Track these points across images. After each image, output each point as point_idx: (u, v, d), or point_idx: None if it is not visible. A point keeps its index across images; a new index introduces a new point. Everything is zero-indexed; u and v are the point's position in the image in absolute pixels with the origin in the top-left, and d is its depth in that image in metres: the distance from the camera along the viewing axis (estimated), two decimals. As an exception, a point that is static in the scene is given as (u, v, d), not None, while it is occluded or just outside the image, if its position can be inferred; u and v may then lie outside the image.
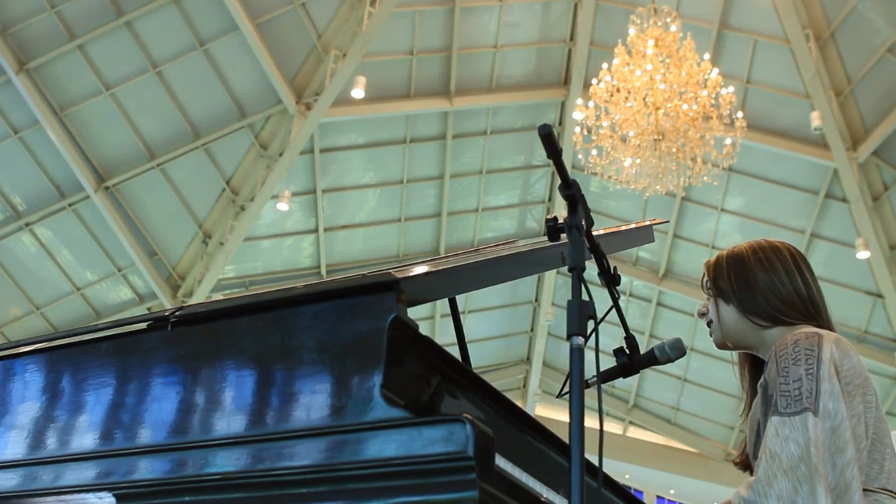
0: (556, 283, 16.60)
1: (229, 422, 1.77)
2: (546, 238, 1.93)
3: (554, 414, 16.84)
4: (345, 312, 1.74)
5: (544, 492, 1.82)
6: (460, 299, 2.64)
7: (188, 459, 1.75)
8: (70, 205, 13.24)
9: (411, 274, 1.83)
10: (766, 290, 2.12)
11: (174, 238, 14.10)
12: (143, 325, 2.02)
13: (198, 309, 1.97)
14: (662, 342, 2.27)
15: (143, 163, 13.26)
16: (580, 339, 1.66)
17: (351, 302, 1.75)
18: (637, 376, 16.76)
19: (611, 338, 2.35)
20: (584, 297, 1.71)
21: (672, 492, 18.17)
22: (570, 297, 1.72)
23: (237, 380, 1.81)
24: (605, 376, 2.18)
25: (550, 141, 1.72)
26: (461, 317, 2.69)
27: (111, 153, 13.13)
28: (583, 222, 1.80)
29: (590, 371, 2.07)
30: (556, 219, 1.81)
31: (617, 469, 16.63)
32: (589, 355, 1.74)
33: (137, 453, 1.83)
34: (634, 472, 17.33)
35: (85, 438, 1.95)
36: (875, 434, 1.94)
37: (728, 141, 10.98)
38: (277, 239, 14.92)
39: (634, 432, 18.19)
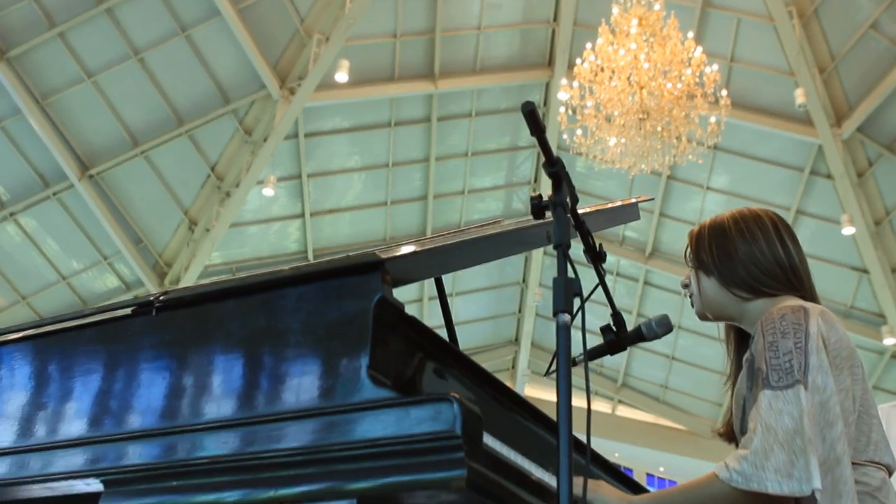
0: (543, 263, 16.62)
1: (216, 406, 1.76)
2: (532, 218, 1.93)
3: (543, 394, 16.88)
4: (330, 294, 1.74)
5: (534, 470, 1.82)
6: (447, 282, 2.64)
7: (176, 444, 1.75)
8: (54, 194, 13.16)
9: (396, 254, 1.82)
10: (746, 260, 2.10)
11: (160, 225, 14.05)
12: (128, 311, 2.01)
13: (182, 293, 1.96)
14: (649, 319, 2.27)
15: (126, 150, 13.18)
16: (566, 317, 1.66)
17: (336, 283, 1.75)
18: (625, 355, 16.96)
19: (598, 317, 2.36)
20: (570, 274, 1.71)
21: (661, 469, 18.26)
22: (556, 276, 1.72)
23: (223, 364, 1.80)
24: (593, 353, 2.18)
25: (534, 118, 1.71)
26: (448, 299, 2.69)
27: (94, 141, 13.05)
28: (568, 200, 1.79)
29: (577, 349, 2.08)
30: (540, 196, 1.80)
31: (606, 448, 16.68)
32: (576, 334, 1.74)
33: (124, 439, 1.82)
34: (624, 450, 17.40)
35: (71, 425, 1.94)
36: (862, 406, 1.94)
37: (713, 119, 10.98)
38: (264, 224, 14.88)
39: (623, 411, 18.27)
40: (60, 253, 13.81)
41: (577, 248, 1.84)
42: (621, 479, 2.63)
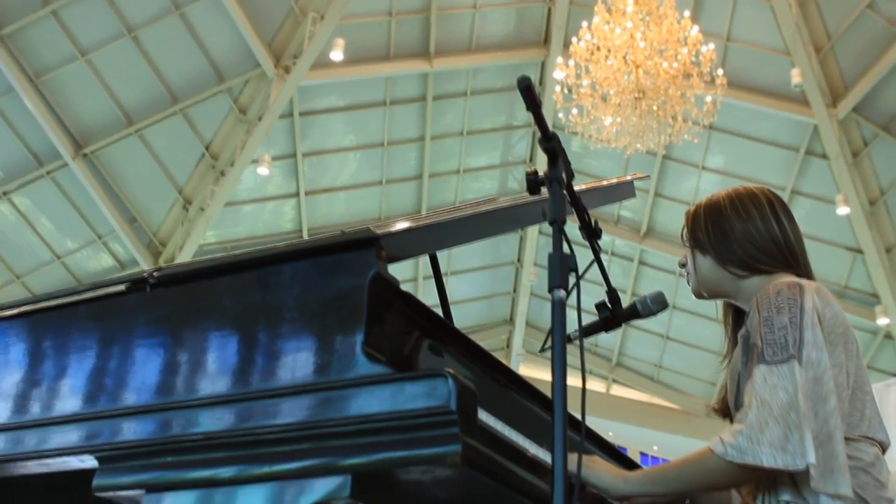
0: (538, 243, 16.62)
1: (210, 382, 1.76)
2: (528, 195, 1.92)
3: (538, 374, 16.92)
4: (325, 270, 1.73)
5: (529, 446, 1.82)
6: (442, 261, 2.63)
7: (170, 420, 1.74)
8: (48, 172, 13.11)
9: (391, 230, 1.82)
10: (742, 239, 2.10)
11: (154, 204, 14.00)
12: (122, 288, 2.00)
13: (176, 270, 1.96)
14: (644, 295, 2.27)
15: (120, 129, 13.12)
16: (562, 293, 1.65)
17: (331, 259, 1.74)
18: (620, 335, 16.99)
19: (593, 297, 2.35)
20: (566, 250, 1.71)
21: (655, 448, 18.34)
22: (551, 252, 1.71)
23: (218, 340, 1.80)
24: (588, 330, 2.18)
25: (530, 93, 1.71)
26: (443, 278, 2.69)
27: (88, 120, 12.99)
28: (563, 175, 1.79)
29: (572, 326, 2.08)
30: (536, 172, 1.79)
31: (601, 427, 16.72)
32: (571, 314, 1.74)
33: (119, 416, 1.82)
34: (618, 429, 17.46)
35: (65, 402, 1.94)
36: (856, 382, 1.95)
37: (708, 99, 10.95)
38: (258, 203, 14.84)
39: (618, 390, 18.33)
40: (55, 232, 13.77)
41: (573, 229, 1.84)
42: (616, 455, 2.64)
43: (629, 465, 2.63)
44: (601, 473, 1.95)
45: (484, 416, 1.67)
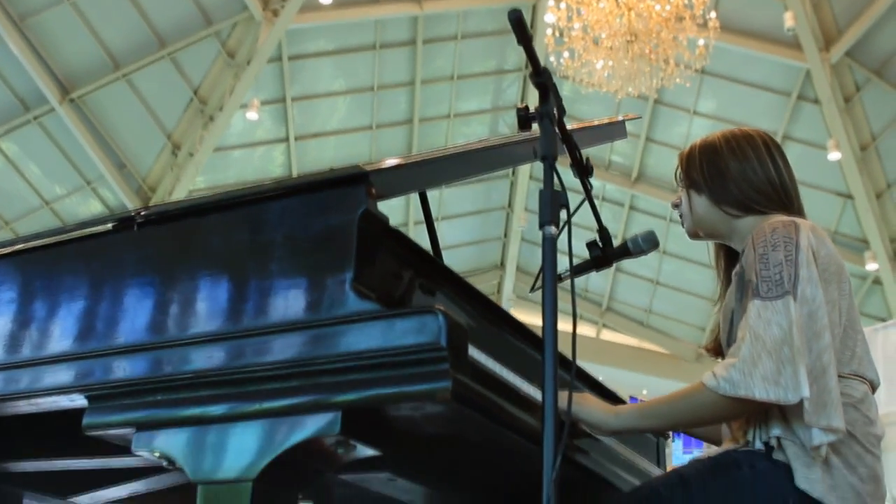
0: (528, 188, 16.61)
1: (200, 320, 1.75)
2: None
3: (528, 318, 16.94)
4: (314, 207, 1.72)
5: (519, 383, 1.82)
6: (433, 206, 2.61)
7: (160, 359, 1.74)
8: (35, 118, 13.00)
9: (380, 166, 1.80)
10: (738, 178, 2.10)
11: (143, 150, 13.91)
12: (109, 227, 1.98)
13: (163, 208, 1.94)
14: (636, 234, 2.26)
15: (107, 74, 12.99)
16: (553, 229, 1.64)
17: (320, 196, 1.72)
18: (610, 280, 17.05)
19: (583, 240, 2.34)
20: (557, 187, 1.69)
21: (644, 392, 18.49)
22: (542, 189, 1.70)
23: (206, 278, 1.78)
24: (579, 269, 2.18)
25: (521, 26, 1.68)
26: (434, 223, 2.67)
27: (75, 64, 12.85)
28: (554, 111, 1.77)
29: (564, 269, 2.07)
30: (527, 108, 1.77)
31: (591, 371, 16.80)
32: (563, 258, 1.73)
33: (108, 355, 1.81)
34: (608, 373, 17.57)
35: (53, 342, 1.93)
36: (848, 321, 1.96)
37: (701, 42, 10.89)
38: (248, 149, 14.77)
39: (607, 335, 18.44)
40: (43, 178, 13.69)
41: (566, 174, 1.82)
42: (606, 395, 2.65)
43: (619, 403, 2.64)
44: (592, 409, 1.96)
45: (475, 353, 1.66)
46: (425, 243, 2.61)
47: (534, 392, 1.85)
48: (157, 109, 13.62)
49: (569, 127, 2.08)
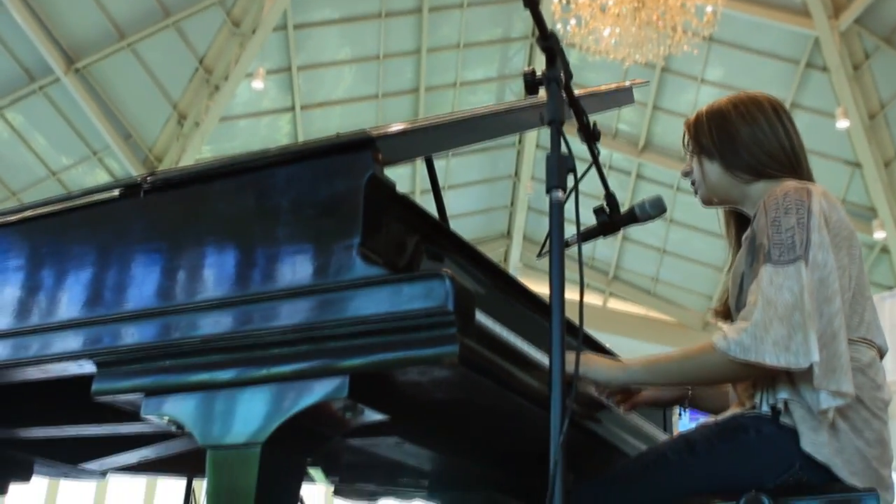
0: (535, 157, 16.54)
1: (208, 286, 1.75)
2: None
3: (535, 287, 16.96)
4: (320, 173, 1.72)
5: (527, 348, 1.83)
6: (440, 175, 2.61)
7: (168, 324, 1.74)
8: (40, 88, 12.96)
9: (387, 132, 1.79)
10: (749, 143, 2.09)
11: (149, 119, 13.88)
12: (115, 194, 1.98)
13: (170, 174, 1.94)
14: (643, 199, 2.25)
15: (112, 43, 12.92)
16: (560, 193, 1.64)
17: (327, 162, 1.72)
18: (617, 249, 17.02)
19: (590, 209, 2.33)
20: (564, 152, 1.68)
21: (651, 361, 18.51)
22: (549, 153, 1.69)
23: (214, 244, 1.79)
24: (586, 235, 2.18)
25: (528, -12, 1.67)
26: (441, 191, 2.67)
27: (79, 34, 12.79)
28: (562, 75, 1.76)
29: (571, 233, 2.06)
30: (534, 72, 1.76)
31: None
32: (570, 226, 1.72)
33: (116, 321, 1.82)
34: (614, 342, 17.26)
35: (62, 308, 1.94)
36: (857, 286, 1.96)
37: (709, 9, 10.79)
38: (254, 118, 14.73)
39: (614, 304, 18.42)
40: (49, 148, 13.68)
41: (573, 141, 1.80)
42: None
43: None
44: (599, 366, 1.96)
45: (482, 317, 1.67)
46: (432, 211, 2.62)
47: (541, 357, 1.85)
48: (163, 79, 13.57)
49: (576, 93, 2.06)
